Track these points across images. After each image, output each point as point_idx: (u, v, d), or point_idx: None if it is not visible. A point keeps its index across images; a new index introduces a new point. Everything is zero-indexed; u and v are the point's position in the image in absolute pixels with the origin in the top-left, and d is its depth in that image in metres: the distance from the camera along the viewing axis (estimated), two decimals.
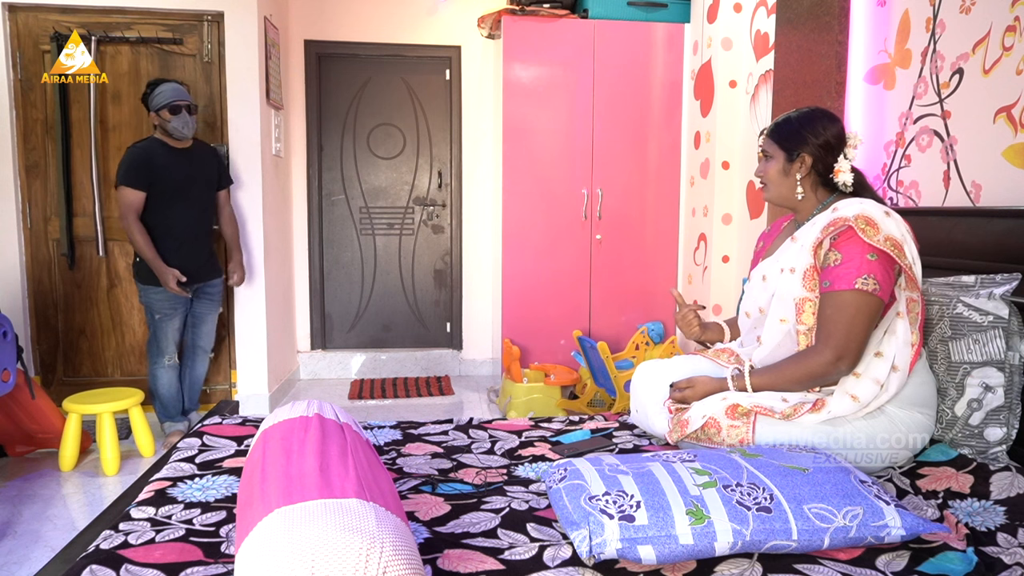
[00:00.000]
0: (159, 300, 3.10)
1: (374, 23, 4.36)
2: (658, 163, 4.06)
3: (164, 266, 3.00)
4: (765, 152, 1.68)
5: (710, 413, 1.56)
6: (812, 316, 1.53)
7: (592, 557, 1.10)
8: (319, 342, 4.59)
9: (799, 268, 1.55)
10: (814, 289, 1.53)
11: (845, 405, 1.48)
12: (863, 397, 1.48)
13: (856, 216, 1.46)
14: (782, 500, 1.17)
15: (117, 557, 1.13)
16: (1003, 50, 1.82)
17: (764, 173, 1.68)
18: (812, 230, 1.55)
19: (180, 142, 3.09)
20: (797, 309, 1.55)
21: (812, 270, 1.53)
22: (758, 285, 1.69)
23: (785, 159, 1.63)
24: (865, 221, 1.45)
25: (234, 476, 1.48)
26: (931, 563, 1.15)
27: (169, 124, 3.01)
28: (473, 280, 4.61)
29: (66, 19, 3.50)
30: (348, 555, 0.88)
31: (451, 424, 1.88)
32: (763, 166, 1.68)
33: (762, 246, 1.86)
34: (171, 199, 3.06)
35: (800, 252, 1.56)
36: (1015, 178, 1.78)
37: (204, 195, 3.22)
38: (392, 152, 4.53)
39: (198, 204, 3.18)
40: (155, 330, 3.17)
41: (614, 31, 3.92)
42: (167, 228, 3.07)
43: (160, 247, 3.03)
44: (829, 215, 1.52)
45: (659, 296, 4.14)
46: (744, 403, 1.53)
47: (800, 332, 1.55)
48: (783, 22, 2.89)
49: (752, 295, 1.71)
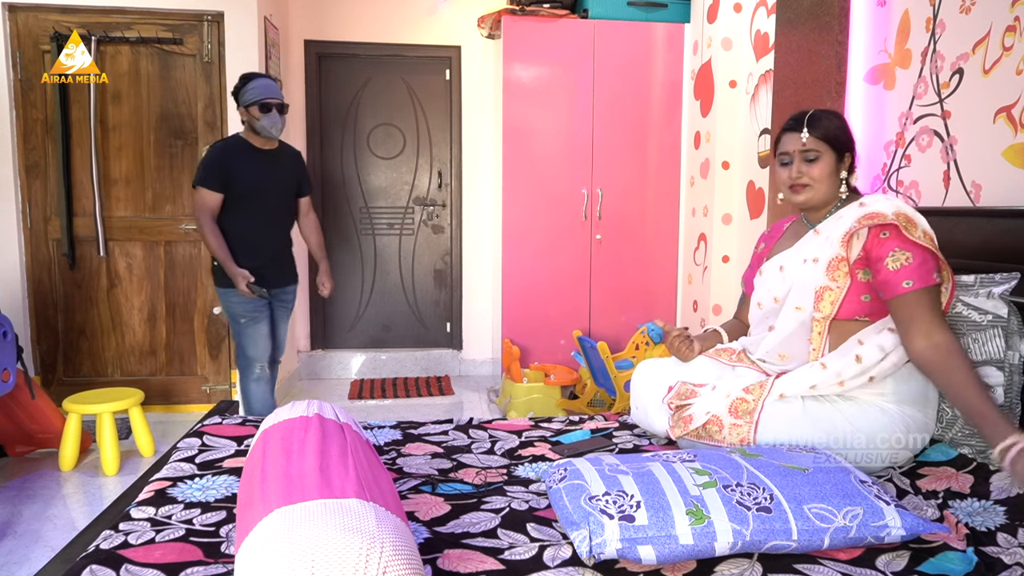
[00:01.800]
0: (237, 303, 2.89)
1: (374, 23, 4.36)
2: (658, 163, 4.06)
3: (235, 267, 2.79)
4: (807, 151, 1.62)
5: (714, 410, 1.57)
6: (830, 305, 1.55)
7: (592, 557, 1.10)
8: (319, 342, 4.59)
9: (823, 258, 1.57)
10: (837, 279, 1.55)
11: (847, 366, 1.51)
12: (866, 359, 1.50)
13: (896, 213, 1.49)
14: (782, 500, 1.17)
15: (117, 557, 1.13)
16: (1003, 50, 1.82)
17: (809, 174, 1.62)
18: (840, 223, 1.57)
19: (266, 142, 2.87)
20: (816, 297, 1.57)
21: (839, 260, 1.55)
22: (774, 276, 1.70)
23: (836, 159, 1.63)
24: (906, 218, 1.49)
25: (234, 476, 1.48)
26: (931, 563, 1.15)
27: (258, 123, 2.79)
28: (473, 280, 4.61)
29: (66, 19, 3.50)
30: (348, 555, 0.88)
31: (451, 424, 1.88)
32: (804, 167, 1.63)
33: (763, 247, 1.87)
34: (250, 201, 2.85)
35: (825, 244, 1.58)
36: (1015, 178, 1.78)
37: (284, 200, 3.02)
38: (392, 152, 4.53)
39: (277, 209, 2.98)
40: (240, 338, 2.94)
41: (614, 31, 3.92)
42: (243, 232, 2.86)
43: (234, 250, 2.83)
44: (859, 209, 1.55)
45: (659, 296, 4.14)
46: (788, 391, 1.55)
47: (815, 319, 1.57)
48: (783, 22, 2.89)
49: (767, 285, 1.73)
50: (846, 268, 1.55)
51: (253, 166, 2.85)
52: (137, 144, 3.62)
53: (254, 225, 2.89)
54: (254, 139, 2.86)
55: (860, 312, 1.55)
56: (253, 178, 2.85)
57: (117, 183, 3.63)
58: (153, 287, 3.72)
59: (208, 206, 2.80)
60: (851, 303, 1.55)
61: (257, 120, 2.79)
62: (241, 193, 2.83)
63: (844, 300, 1.55)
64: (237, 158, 2.83)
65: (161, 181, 3.67)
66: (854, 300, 1.55)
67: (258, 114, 2.78)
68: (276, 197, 2.96)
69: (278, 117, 2.82)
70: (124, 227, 3.66)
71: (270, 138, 2.86)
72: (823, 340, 1.58)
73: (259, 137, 2.84)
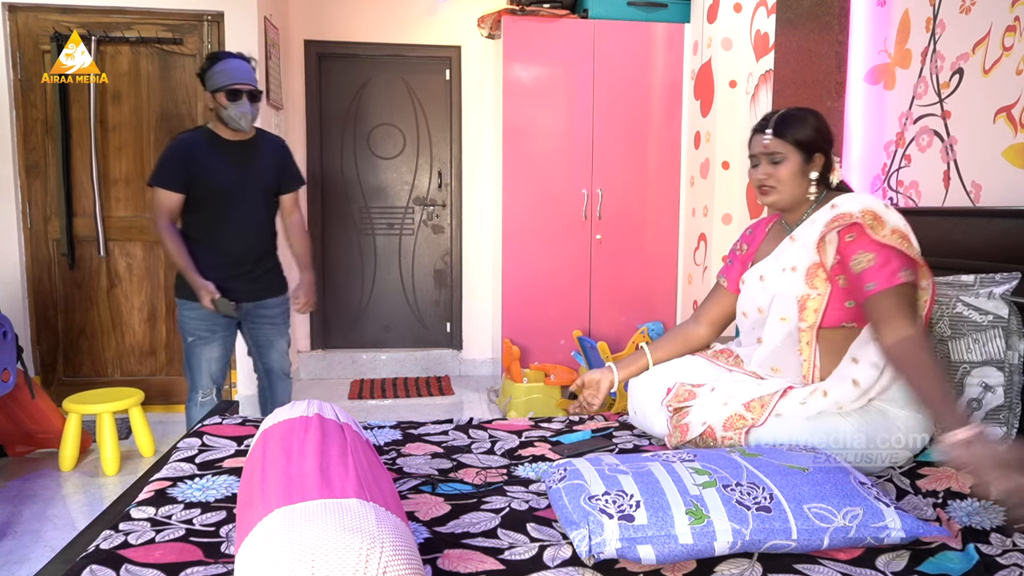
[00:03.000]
0: (192, 319, 2.54)
1: (374, 23, 4.36)
2: (658, 163, 4.06)
3: (198, 278, 2.44)
4: (772, 154, 1.60)
5: (710, 421, 1.55)
6: (814, 314, 1.53)
7: (592, 557, 1.10)
8: (319, 342, 4.59)
9: (801, 266, 1.55)
10: (816, 287, 1.52)
11: (846, 392, 1.47)
12: (863, 382, 1.46)
13: (862, 211, 1.45)
14: (782, 500, 1.17)
15: (117, 557, 1.13)
16: (1003, 50, 1.82)
17: (773, 176, 1.60)
18: (813, 228, 1.54)
19: (237, 134, 2.50)
20: (799, 306, 1.54)
21: (816, 267, 1.52)
22: (755, 286, 1.68)
23: (802, 160, 1.59)
24: (872, 216, 1.44)
25: (234, 476, 1.47)
26: (931, 563, 1.15)
27: (225, 111, 2.41)
28: (473, 280, 4.61)
29: (66, 19, 3.50)
30: (348, 555, 0.88)
31: (451, 424, 1.88)
32: (770, 169, 1.60)
33: (747, 249, 1.82)
34: (217, 202, 2.50)
35: (801, 251, 1.56)
36: (1015, 178, 1.78)
37: (261, 200, 2.61)
38: (392, 152, 4.53)
39: (251, 211, 2.57)
40: (187, 357, 2.61)
41: (614, 31, 3.92)
42: (209, 237, 2.52)
43: (201, 260, 2.48)
44: (829, 211, 1.51)
45: (659, 296, 4.14)
46: (789, 413, 1.51)
47: (801, 330, 1.55)
48: (783, 22, 2.89)
49: (750, 295, 1.70)
50: (824, 274, 1.52)
51: (221, 161, 2.48)
52: (137, 144, 3.63)
53: (222, 230, 2.52)
54: (222, 130, 2.49)
55: (846, 318, 1.52)
56: (221, 176, 2.48)
57: (117, 183, 3.64)
58: (153, 287, 3.72)
59: (165, 208, 2.46)
60: (835, 310, 1.52)
61: (224, 109, 2.41)
62: (206, 193, 2.48)
63: (827, 307, 1.52)
64: (201, 153, 2.46)
65: None
66: (838, 307, 1.52)
67: (225, 102, 2.40)
68: (251, 197, 2.55)
69: (249, 106, 2.44)
70: (124, 227, 3.66)
71: (239, 130, 2.48)
72: (812, 350, 1.55)
73: (227, 128, 2.48)
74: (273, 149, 2.65)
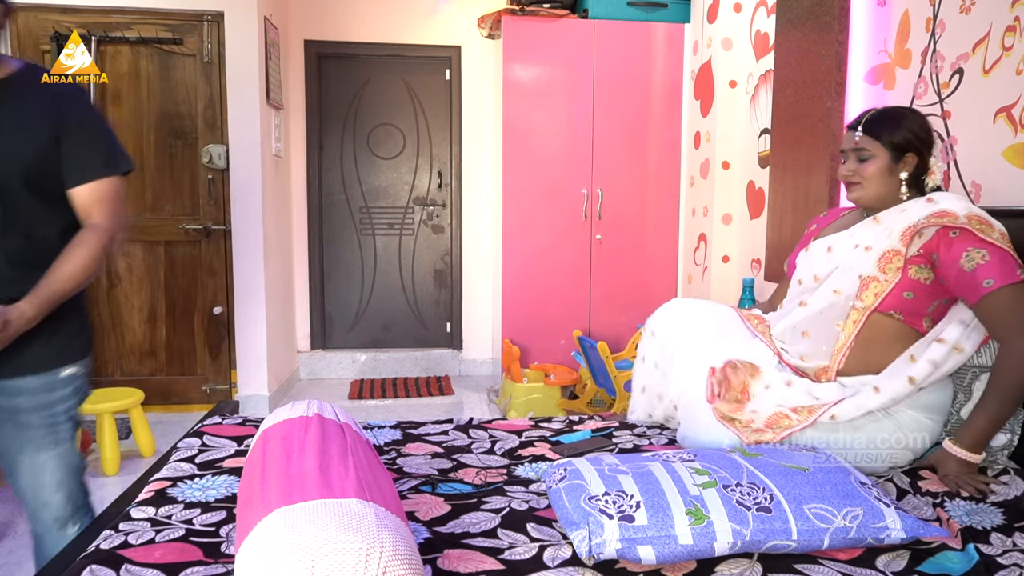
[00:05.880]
0: None
1: (374, 23, 4.36)
2: (658, 163, 4.06)
3: None
4: (860, 150, 1.60)
5: (758, 421, 1.57)
6: (874, 297, 1.51)
7: (592, 557, 1.10)
8: (319, 342, 4.59)
9: (876, 248, 1.53)
10: (887, 272, 1.51)
11: (901, 388, 1.47)
12: (919, 379, 1.47)
13: (968, 216, 1.44)
14: (782, 500, 1.17)
15: (117, 557, 1.13)
16: (1003, 50, 1.82)
17: (858, 172, 1.61)
18: (903, 217, 1.52)
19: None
20: (861, 285, 1.54)
21: (893, 254, 1.50)
22: (820, 255, 1.68)
23: (891, 159, 1.58)
24: (979, 220, 1.43)
25: (234, 476, 1.47)
26: (931, 563, 1.15)
27: None
28: (473, 280, 4.61)
29: (66, 19, 3.50)
30: (348, 555, 0.88)
31: (451, 424, 1.88)
32: (855, 166, 1.61)
33: (815, 228, 1.84)
34: None
35: (883, 234, 1.54)
36: (1015, 178, 1.78)
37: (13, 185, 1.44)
38: (392, 152, 4.53)
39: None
40: None
41: (614, 31, 3.92)
42: None
43: None
44: (927, 205, 1.50)
45: (659, 296, 4.14)
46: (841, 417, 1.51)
47: (855, 308, 1.54)
48: (783, 22, 2.89)
49: (810, 264, 1.70)
50: (900, 263, 1.50)
51: None
52: (137, 144, 3.62)
53: None
54: None
55: (897, 307, 1.51)
56: None
57: None
58: (153, 287, 3.72)
59: None
60: (893, 298, 1.51)
61: None
62: None
63: (888, 294, 1.51)
64: None
65: (161, 181, 3.67)
66: (897, 296, 1.50)
67: None
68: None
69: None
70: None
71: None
72: (854, 330, 1.55)
73: None
74: (41, 97, 1.50)
